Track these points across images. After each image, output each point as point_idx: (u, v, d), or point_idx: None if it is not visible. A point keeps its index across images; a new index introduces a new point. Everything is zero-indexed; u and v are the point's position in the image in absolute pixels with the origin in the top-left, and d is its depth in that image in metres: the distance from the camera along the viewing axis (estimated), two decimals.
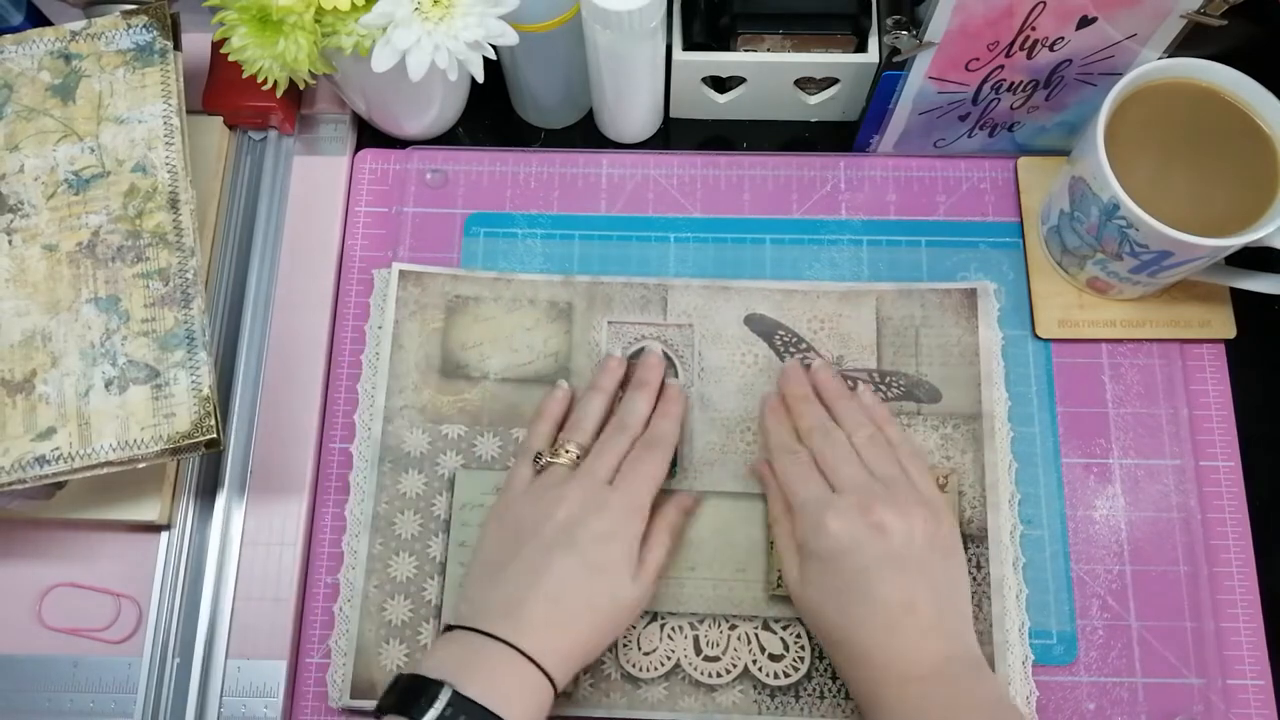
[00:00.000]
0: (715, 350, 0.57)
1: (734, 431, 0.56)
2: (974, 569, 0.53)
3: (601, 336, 0.57)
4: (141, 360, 0.49)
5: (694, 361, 0.57)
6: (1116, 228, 0.52)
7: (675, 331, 0.57)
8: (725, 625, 0.53)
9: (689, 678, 0.52)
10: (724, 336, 0.57)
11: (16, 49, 0.54)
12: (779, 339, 0.57)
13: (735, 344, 0.57)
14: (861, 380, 0.56)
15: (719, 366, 0.57)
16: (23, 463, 0.48)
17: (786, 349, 0.57)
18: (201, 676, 0.53)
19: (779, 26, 0.56)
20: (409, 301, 0.58)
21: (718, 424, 0.56)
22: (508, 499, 0.51)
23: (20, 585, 0.55)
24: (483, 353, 0.57)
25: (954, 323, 0.57)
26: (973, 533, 0.54)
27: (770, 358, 0.57)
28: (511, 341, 0.57)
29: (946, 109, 0.57)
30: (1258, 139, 0.52)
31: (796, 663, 0.52)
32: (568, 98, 0.62)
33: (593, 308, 0.58)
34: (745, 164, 0.62)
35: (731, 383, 0.56)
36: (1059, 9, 0.50)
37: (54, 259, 0.51)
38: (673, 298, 0.58)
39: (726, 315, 0.57)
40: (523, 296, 0.58)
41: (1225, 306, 0.58)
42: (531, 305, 0.58)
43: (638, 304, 0.58)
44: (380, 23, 0.49)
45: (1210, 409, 0.57)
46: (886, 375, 0.56)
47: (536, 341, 0.57)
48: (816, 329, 0.57)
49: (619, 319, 0.57)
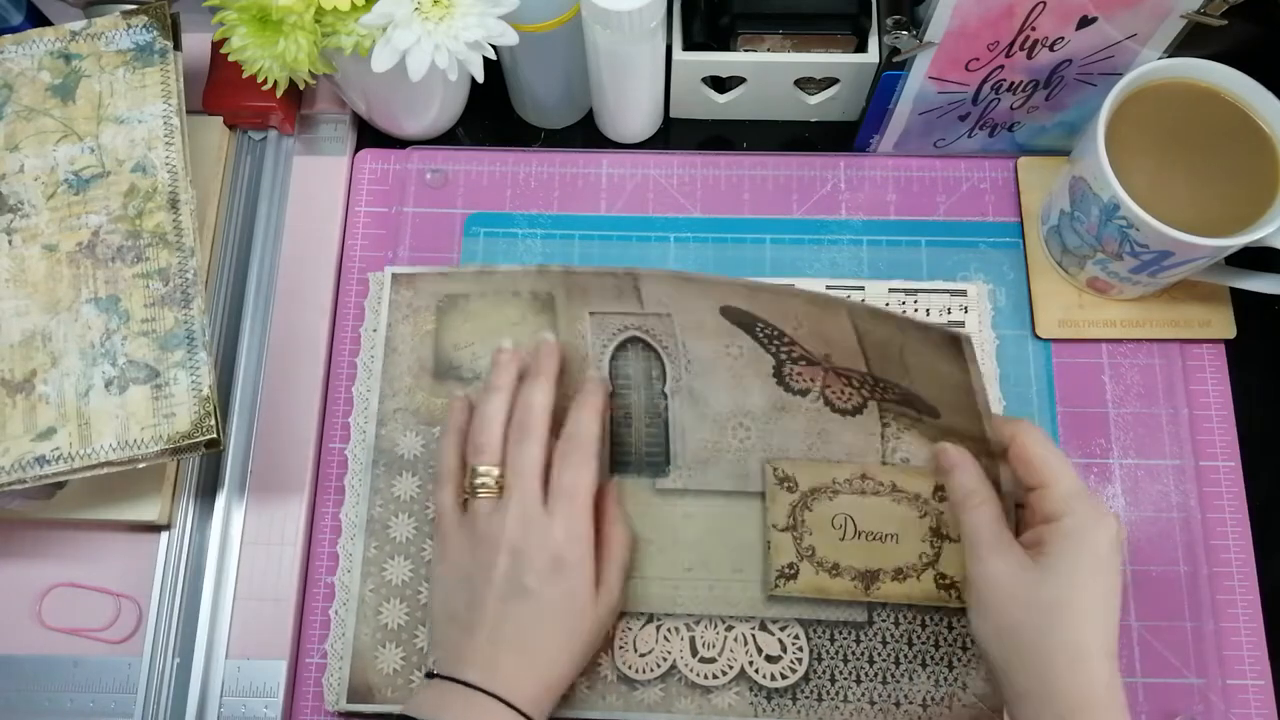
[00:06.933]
0: (699, 342, 0.54)
1: (726, 428, 0.54)
2: None
3: (586, 329, 0.55)
4: (141, 360, 0.49)
5: (680, 354, 0.54)
6: (1117, 228, 0.52)
7: (656, 321, 0.54)
8: (722, 626, 0.52)
9: (685, 679, 0.52)
10: (705, 327, 0.53)
11: (16, 49, 0.54)
12: (760, 331, 0.53)
13: (718, 335, 0.53)
14: (856, 379, 0.52)
15: (705, 359, 0.54)
16: (23, 463, 0.48)
17: (771, 342, 0.53)
18: (202, 676, 0.53)
19: (779, 26, 0.56)
20: (402, 305, 0.57)
21: (709, 420, 0.54)
22: (444, 543, 0.49)
23: (20, 585, 0.55)
24: (474, 353, 0.56)
25: (940, 358, 0.46)
26: None
27: (756, 350, 0.53)
28: (500, 339, 0.55)
29: (946, 109, 0.57)
30: (1258, 139, 0.52)
31: (794, 664, 0.52)
32: (568, 98, 0.62)
33: (572, 299, 0.55)
34: (745, 164, 0.62)
35: (719, 377, 0.54)
36: (1059, 9, 0.50)
37: (54, 259, 0.51)
38: (645, 287, 0.54)
39: (701, 307, 0.53)
40: (505, 289, 0.56)
41: (1225, 306, 0.58)
42: (515, 298, 0.56)
43: (613, 293, 0.54)
44: (380, 23, 0.49)
45: (1210, 409, 0.57)
46: (880, 381, 0.51)
47: (524, 337, 0.55)
48: (796, 325, 0.52)
49: (599, 309, 0.55)
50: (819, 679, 0.52)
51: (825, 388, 0.53)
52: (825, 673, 0.52)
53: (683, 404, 0.54)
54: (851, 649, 0.52)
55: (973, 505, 0.45)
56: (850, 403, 0.53)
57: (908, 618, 0.52)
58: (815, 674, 0.52)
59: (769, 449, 0.53)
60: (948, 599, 0.51)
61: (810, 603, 0.52)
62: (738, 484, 0.54)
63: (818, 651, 0.52)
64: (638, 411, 0.55)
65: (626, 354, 0.55)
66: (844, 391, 0.53)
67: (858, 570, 0.52)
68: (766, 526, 0.53)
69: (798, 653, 0.52)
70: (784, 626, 0.52)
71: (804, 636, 0.52)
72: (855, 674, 0.51)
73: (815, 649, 0.52)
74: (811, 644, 0.52)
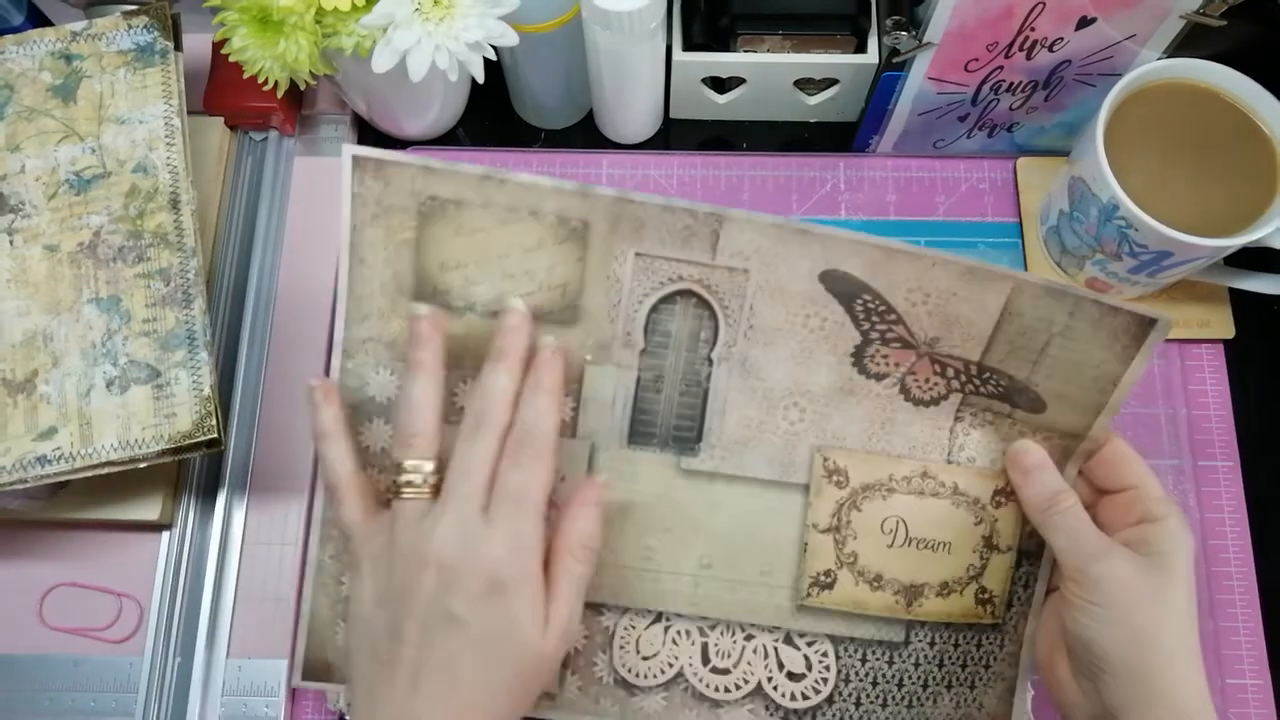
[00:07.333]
0: (773, 306, 0.45)
1: (777, 407, 0.46)
2: (1021, 587, 0.47)
3: (625, 270, 0.45)
4: (143, 360, 0.49)
5: (742, 316, 0.45)
6: (1116, 228, 0.52)
7: (724, 275, 0.45)
8: (740, 634, 0.46)
9: (692, 689, 0.46)
10: (787, 291, 0.45)
11: (17, 49, 0.54)
12: (861, 305, 0.45)
13: (801, 301, 0.45)
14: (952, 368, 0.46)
15: (773, 327, 0.45)
16: (24, 462, 0.48)
17: (868, 319, 0.45)
18: (203, 676, 0.53)
19: (778, 27, 0.56)
20: (369, 201, 0.43)
21: (759, 396, 0.46)
22: (358, 566, 0.41)
23: (21, 585, 0.55)
24: (467, 276, 0.44)
25: (1104, 345, 0.44)
26: (1031, 549, 0.47)
27: (843, 324, 0.45)
28: (506, 264, 0.44)
29: (946, 109, 0.57)
30: (1257, 139, 0.52)
31: (818, 684, 0.46)
32: (568, 98, 0.62)
33: (616, 233, 0.44)
34: (745, 164, 0.62)
35: (785, 348, 0.45)
36: (1058, 10, 0.50)
37: (55, 259, 0.51)
38: (727, 233, 0.44)
39: (798, 266, 0.44)
40: (521, 205, 0.44)
41: (1224, 307, 0.58)
42: (534, 219, 0.44)
43: (679, 235, 0.44)
44: (381, 23, 0.49)
45: (1209, 409, 0.57)
46: (986, 371, 0.46)
47: (539, 267, 0.44)
48: (916, 302, 0.44)
49: (651, 252, 0.44)
50: (843, 701, 0.47)
51: (909, 374, 0.46)
52: (851, 695, 0.47)
53: (730, 373, 0.46)
54: (883, 671, 0.47)
55: (1065, 505, 0.44)
56: (931, 392, 0.46)
57: (943, 636, 0.47)
58: (840, 696, 0.46)
59: (822, 435, 0.46)
60: (983, 615, 0.47)
61: (844, 617, 0.47)
62: (779, 472, 0.46)
63: (845, 672, 0.47)
64: (672, 376, 0.46)
65: (673, 308, 0.46)
66: (929, 380, 0.46)
67: (902, 584, 0.46)
68: (806, 526, 0.46)
69: (824, 672, 0.46)
70: (811, 642, 0.47)
71: (832, 654, 0.47)
72: (882, 697, 0.47)
73: (843, 669, 0.46)
74: (840, 663, 0.46)
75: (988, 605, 0.47)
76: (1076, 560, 0.42)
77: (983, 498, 0.47)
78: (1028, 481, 0.45)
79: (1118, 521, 0.44)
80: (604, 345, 0.45)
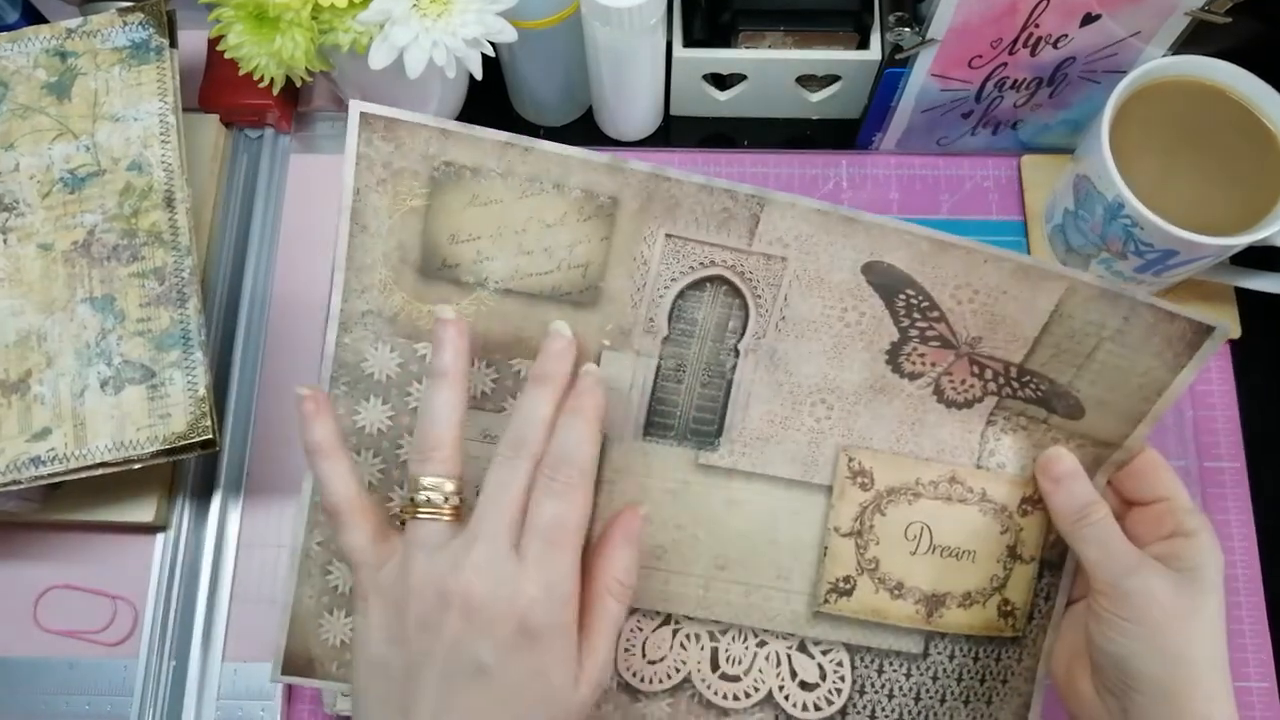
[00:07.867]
0: (809, 298, 0.43)
1: (804, 403, 0.44)
2: (1042, 599, 0.46)
3: (654, 252, 0.42)
4: (137, 360, 0.49)
5: (775, 307, 0.43)
6: (1121, 226, 0.51)
7: (760, 263, 0.42)
8: (753, 640, 0.44)
9: (700, 696, 0.44)
10: (826, 282, 0.43)
11: (12, 46, 0.53)
12: (903, 300, 0.43)
13: (839, 294, 0.43)
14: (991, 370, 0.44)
15: (806, 319, 0.43)
16: (18, 463, 0.48)
17: (909, 315, 0.43)
18: (198, 679, 0.52)
19: (780, 23, 0.56)
20: (376, 164, 0.41)
21: (785, 391, 0.44)
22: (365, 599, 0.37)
23: (16, 587, 0.54)
24: (480, 250, 0.42)
25: (1155, 352, 0.43)
26: (1053, 559, 0.46)
27: (882, 319, 0.43)
28: (523, 240, 0.42)
29: (949, 106, 0.57)
30: (1263, 137, 0.52)
31: (832, 695, 0.44)
32: (567, 95, 0.62)
33: (647, 211, 0.42)
34: (747, 162, 0.62)
35: (818, 342, 0.44)
36: (1062, 6, 0.50)
37: (49, 258, 0.50)
38: (769, 217, 0.42)
39: (841, 256, 0.42)
40: (545, 177, 0.41)
41: (1230, 306, 0.58)
42: (557, 192, 0.41)
43: (715, 218, 0.42)
44: (378, 19, 0.49)
45: (1215, 409, 0.57)
46: (1026, 374, 0.44)
47: (560, 244, 0.42)
48: (962, 299, 0.43)
49: (683, 234, 0.42)
50: (857, 714, 0.45)
51: (945, 374, 0.44)
52: (865, 708, 0.45)
53: (756, 366, 0.44)
54: (900, 684, 0.45)
55: (1097, 516, 0.42)
56: (966, 394, 0.45)
57: (963, 650, 0.45)
58: (854, 708, 0.45)
59: (849, 434, 0.44)
60: (1004, 628, 0.45)
61: (862, 625, 0.45)
62: (801, 472, 0.44)
63: (861, 683, 0.45)
64: (694, 366, 0.44)
65: (701, 294, 0.43)
66: (965, 381, 0.45)
67: (924, 594, 0.45)
68: (827, 529, 0.44)
69: (838, 682, 0.45)
70: (827, 650, 0.45)
71: (848, 664, 0.45)
72: (898, 711, 0.45)
73: (859, 680, 0.45)
74: (856, 673, 0.45)
75: (1009, 618, 0.46)
76: (1108, 574, 0.41)
77: (1009, 505, 0.45)
78: (1058, 490, 0.43)
79: (1148, 534, 0.43)
80: (624, 331, 0.43)
